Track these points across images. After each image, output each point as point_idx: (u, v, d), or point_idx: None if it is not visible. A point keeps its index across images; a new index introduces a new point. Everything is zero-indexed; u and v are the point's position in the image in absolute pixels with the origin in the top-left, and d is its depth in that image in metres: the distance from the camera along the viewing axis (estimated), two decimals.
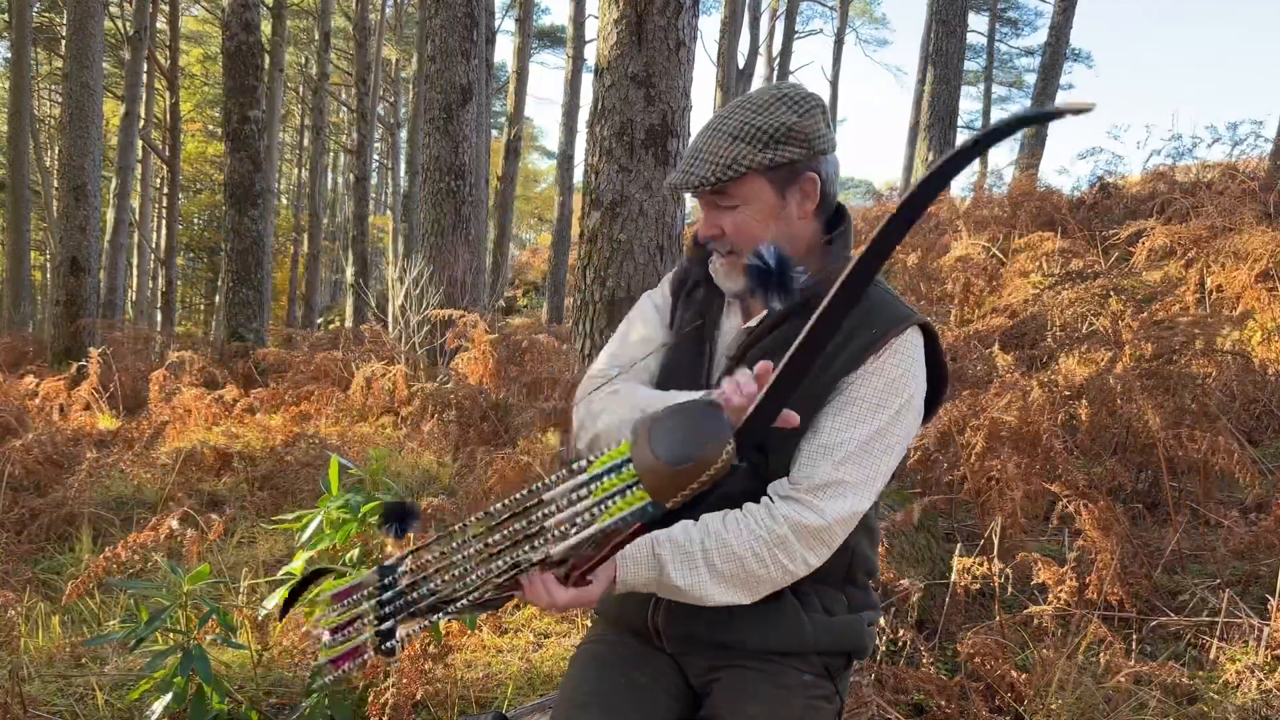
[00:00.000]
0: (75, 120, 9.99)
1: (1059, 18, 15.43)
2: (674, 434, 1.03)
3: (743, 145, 1.29)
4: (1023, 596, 2.93)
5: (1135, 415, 3.52)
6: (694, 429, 1.04)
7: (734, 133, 1.30)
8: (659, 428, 1.05)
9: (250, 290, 8.88)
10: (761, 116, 1.30)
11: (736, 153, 1.29)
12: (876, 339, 1.28)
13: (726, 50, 18.36)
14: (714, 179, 1.29)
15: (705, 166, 1.30)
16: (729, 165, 1.29)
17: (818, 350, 1.06)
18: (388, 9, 24.07)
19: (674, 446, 1.02)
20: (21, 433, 5.34)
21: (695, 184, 1.31)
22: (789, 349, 1.29)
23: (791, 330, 1.32)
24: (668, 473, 1.01)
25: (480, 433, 5.19)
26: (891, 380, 1.27)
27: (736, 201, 1.33)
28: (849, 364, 1.28)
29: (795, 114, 1.30)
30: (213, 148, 27.73)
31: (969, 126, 28.29)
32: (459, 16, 8.02)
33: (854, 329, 1.30)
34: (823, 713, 1.33)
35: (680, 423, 1.04)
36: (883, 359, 1.27)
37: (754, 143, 1.29)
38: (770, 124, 1.29)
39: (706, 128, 1.34)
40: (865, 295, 1.32)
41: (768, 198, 1.32)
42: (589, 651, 1.46)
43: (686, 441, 1.02)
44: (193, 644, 2.05)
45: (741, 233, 1.33)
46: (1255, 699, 2.31)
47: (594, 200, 4.10)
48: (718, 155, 1.30)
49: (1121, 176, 9.49)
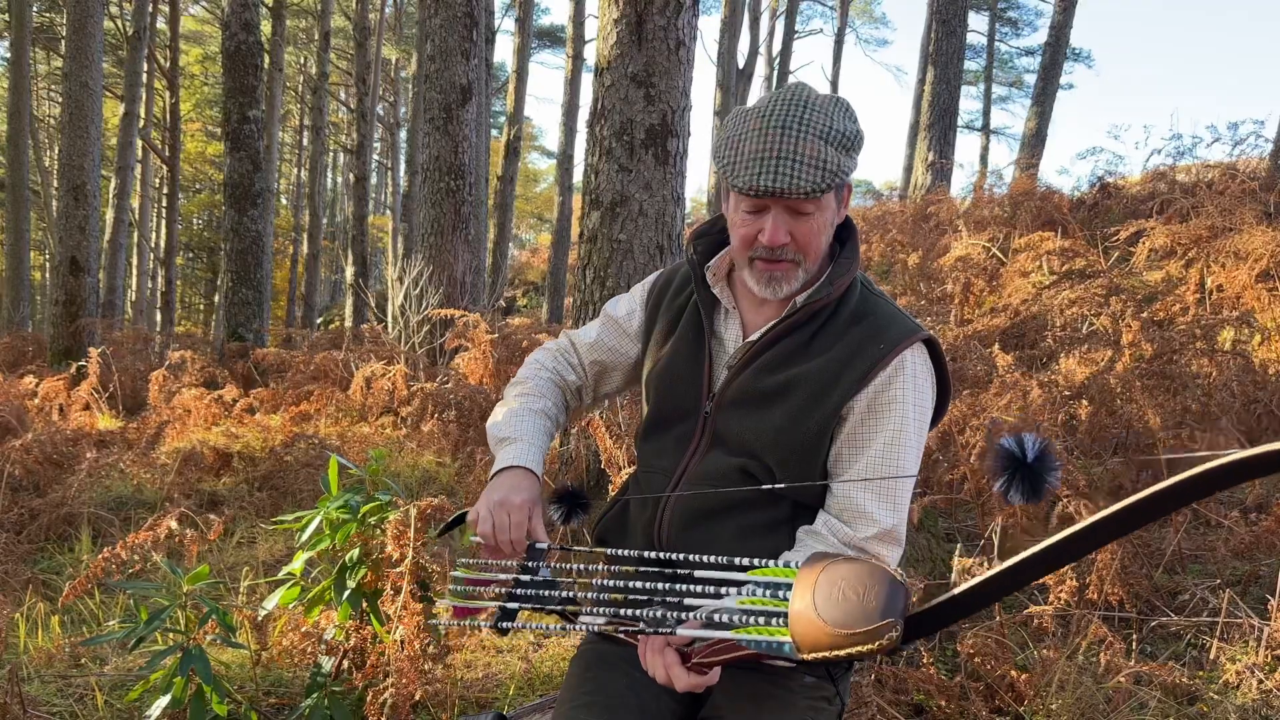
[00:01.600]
0: (75, 120, 9.98)
1: (1059, 17, 15.43)
2: (848, 595, 0.93)
3: (835, 151, 1.22)
4: (1023, 596, 2.93)
5: (1135, 415, 3.52)
6: (871, 597, 0.92)
7: (823, 136, 1.21)
8: (834, 575, 0.95)
9: (250, 290, 8.88)
10: (840, 122, 1.23)
11: (837, 160, 1.22)
12: (885, 353, 1.28)
13: (726, 50, 18.36)
14: (825, 184, 1.21)
15: (813, 171, 1.20)
16: (835, 171, 1.22)
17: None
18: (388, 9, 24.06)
19: (844, 610, 0.92)
20: (21, 433, 5.33)
21: (807, 190, 1.20)
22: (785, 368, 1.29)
23: (795, 345, 1.32)
24: (824, 630, 0.93)
25: (480, 433, 5.18)
26: (905, 405, 1.27)
27: (816, 209, 1.25)
28: (857, 380, 1.28)
29: (855, 122, 1.26)
30: (212, 148, 27.73)
31: (969, 126, 28.33)
32: (459, 16, 8.01)
33: (861, 343, 1.29)
34: (824, 714, 1.32)
35: (860, 582, 0.94)
36: (890, 377, 1.27)
37: (842, 149, 1.23)
38: (851, 131, 1.24)
39: (781, 125, 1.21)
40: (872, 308, 1.34)
41: (833, 208, 1.30)
42: (590, 651, 1.45)
43: (856, 609, 0.92)
44: (192, 644, 2.04)
45: (811, 241, 1.28)
46: (1255, 699, 2.30)
47: (594, 200, 4.10)
48: (819, 160, 1.20)
49: (1122, 176, 9.49)
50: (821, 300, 1.31)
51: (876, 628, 0.90)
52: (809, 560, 0.98)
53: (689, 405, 1.40)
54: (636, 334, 1.54)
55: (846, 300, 1.34)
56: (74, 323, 9.90)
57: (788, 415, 1.30)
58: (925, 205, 9.94)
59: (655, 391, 1.46)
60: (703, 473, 1.36)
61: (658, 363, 1.47)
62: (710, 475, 1.35)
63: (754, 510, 1.34)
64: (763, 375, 1.33)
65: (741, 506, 1.34)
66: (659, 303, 1.52)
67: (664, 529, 1.38)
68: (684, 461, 1.39)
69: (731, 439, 1.34)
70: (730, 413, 1.35)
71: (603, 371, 1.59)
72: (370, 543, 2.17)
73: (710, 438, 1.37)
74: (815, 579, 0.96)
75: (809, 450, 1.30)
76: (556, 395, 1.56)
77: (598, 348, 1.57)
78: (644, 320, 1.53)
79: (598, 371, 1.59)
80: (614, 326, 1.56)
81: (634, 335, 1.55)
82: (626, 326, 1.55)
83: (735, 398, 1.35)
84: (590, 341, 1.58)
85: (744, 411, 1.34)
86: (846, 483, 1.28)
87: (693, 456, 1.39)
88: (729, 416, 1.35)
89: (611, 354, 1.56)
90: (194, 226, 32.60)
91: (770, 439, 1.31)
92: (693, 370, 1.41)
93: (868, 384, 1.27)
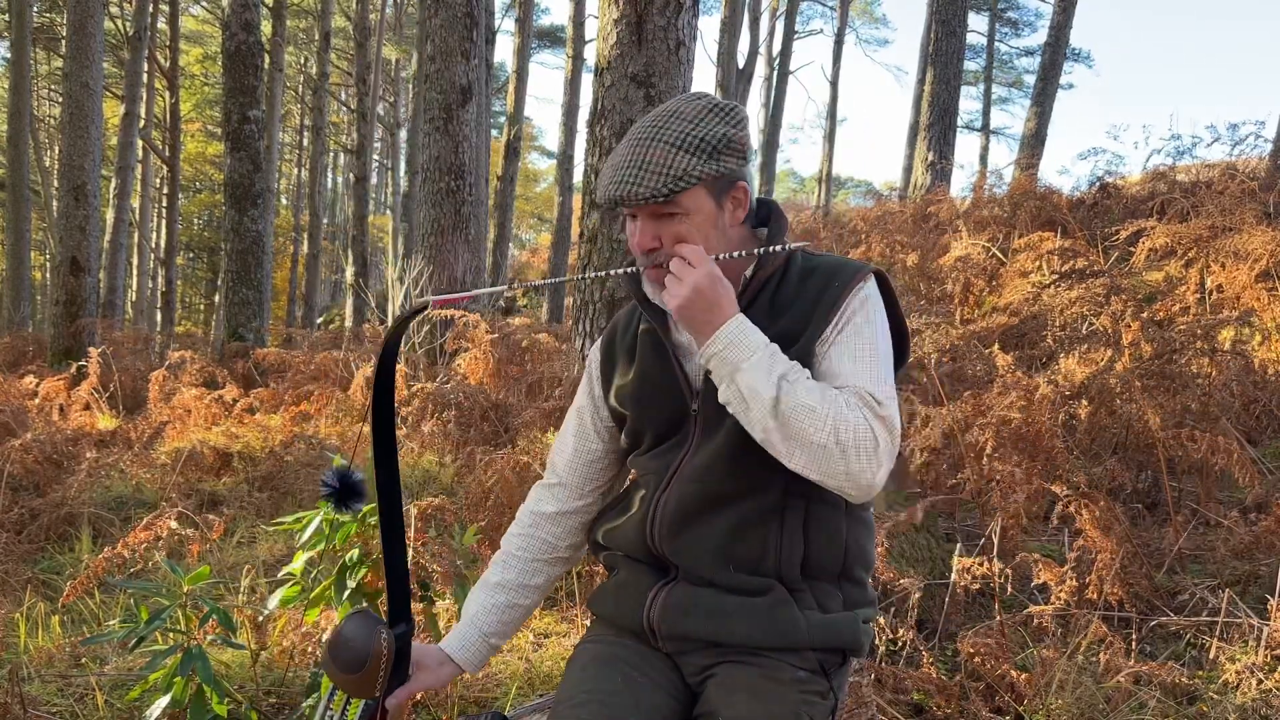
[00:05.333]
0: (75, 120, 9.98)
1: (1059, 18, 15.43)
2: (340, 650, 1.31)
3: (688, 156, 1.27)
4: (1023, 596, 2.93)
5: (1135, 415, 3.52)
6: (352, 638, 1.31)
7: (676, 143, 1.28)
8: (331, 650, 1.32)
9: (250, 290, 8.88)
10: (701, 128, 1.29)
11: (685, 164, 1.27)
12: (839, 292, 1.33)
13: (726, 50, 18.37)
14: (666, 190, 1.26)
15: (654, 178, 1.26)
16: (680, 176, 1.27)
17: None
18: (388, 9, 24.07)
19: (346, 660, 1.30)
20: (21, 433, 5.33)
21: (646, 196, 1.27)
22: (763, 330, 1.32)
23: (759, 313, 1.35)
24: (353, 680, 1.31)
25: (480, 433, 5.19)
26: (873, 320, 1.33)
27: (679, 212, 1.30)
28: (820, 322, 1.32)
29: (730, 125, 1.31)
30: (213, 148, 27.74)
31: (969, 126, 28.34)
32: (459, 16, 8.02)
33: (820, 289, 1.34)
34: (816, 709, 1.32)
35: (342, 637, 1.32)
36: (853, 306, 1.32)
37: (698, 153, 1.28)
38: (712, 135, 1.29)
39: (638, 139, 1.30)
40: (818, 262, 1.39)
41: (709, 208, 1.32)
42: (587, 651, 1.46)
43: (350, 650, 1.30)
44: (192, 644, 2.04)
45: (685, 242, 1.31)
46: (1255, 699, 2.30)
47: (594, 200, 4.10)
48: (666, 166, 1.27)
49: (1121, 176, 9.48)
50: (768, 270, 1.36)
51: (373, 648, 1.31)
52: (320, 657, 1.42)
53: (677, 411, 1.41)
54: (603, 391, 1.54)
55: (790, 265, 1.40)
56: (74, 323, 9.90)
57: None
58: (925, 205, 9.94)
59: (636, 405, 1.45)
60: (695, 467, 1.37)
61: (628, 376, 1.47)
62: (700, 469, 1.36)
63: (744, 500, 1.34)
64: None
65: (732, 498, 1.35)
66: (611, 348, 1.53)
67: (655, 528, 1.39)
68: (679, 460, 1.40)
69: (726, 426, 1.34)
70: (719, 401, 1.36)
71: (595, 460, 1.56)
72: (370, 543, 2.17)
73: (701, 433, 1.38)
74: (326, 660, 1.35)
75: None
76: (518, 561, 1.55)
77: (562, 453, 1.57)
78: (602, 374, 1.53)
79: (578, 457, 1.56)
80: (579, 415, 1.56)
81: (601, 397, 1.54)
82: (596, 395, 1.55)
83: None
84: (571, 450, 1.57)
85: None
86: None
87: (686, 454, 1.39)
88: (719, 405, 1.35)
89: (595, 439, 1.55)
90: (194, 226, 32.63)
91: None
92: (667, 376, 1.42)
93: (834, 314, 1.32)
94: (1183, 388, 3.76)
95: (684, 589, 1.38)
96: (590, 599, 1.54)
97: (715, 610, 1.34)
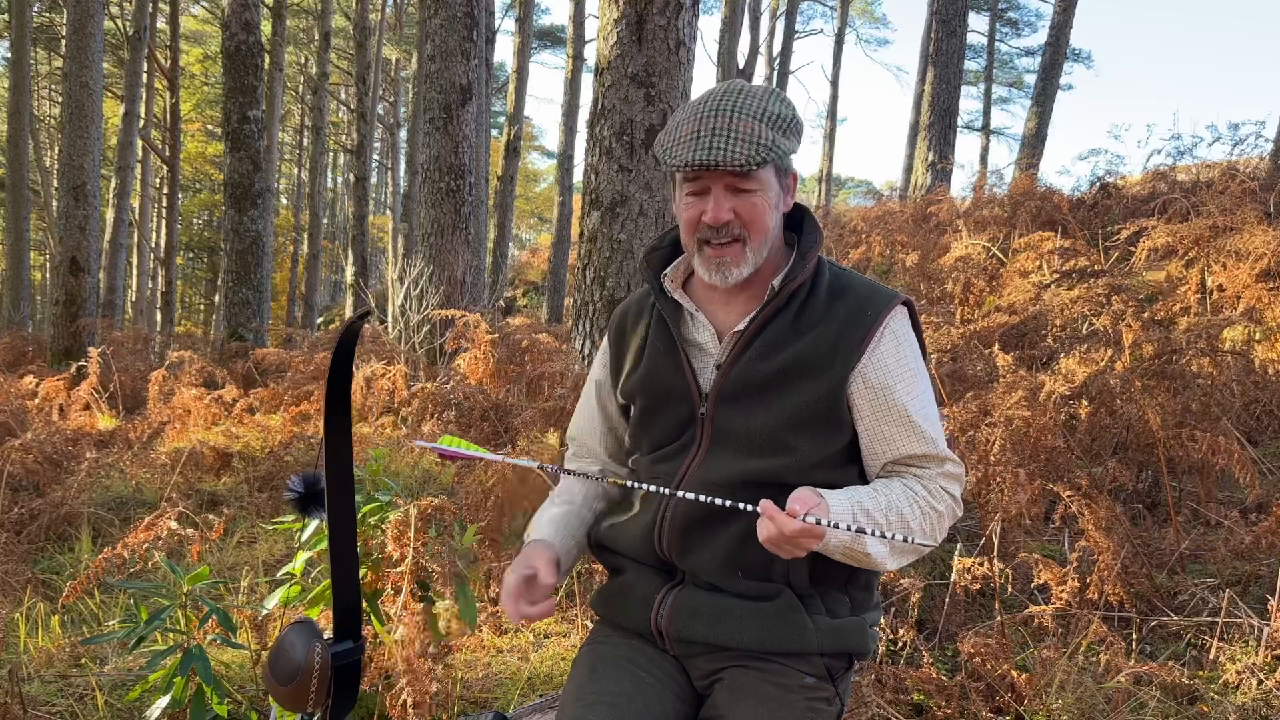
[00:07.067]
0: (75, 120, 9.98)
1: (1059, 18, 15.43)
2: (275, 658, 1.30)
3: (770, 130, 1.26)
4: (1023, 597, 2.93)
5: (1135, 415, 3.51)
6: (289, 647, 1.29)
7: (758, 116, 1.26)
8: (270, 658, 1.32)
9: (250, 290, 8.88)
10: (774, 105, 1.28)
11: (770, 136, 1.25)
12: (874, 320, 1.32)
13: (726, 50, 18.35)
14: (759, 158, 1.24)
15: (746, 145, 1.23)
16: (768, 146, 1.25)
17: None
18: (388, 9, 24.07)
19: (279, 670, 1.29)
20: (21, 433, 5.33)
21: (740, 162, 1.23)
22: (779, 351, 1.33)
23: (783, 327, 1.34)
24: (284, 691, 1.29)
25: (480, 433, 5.18)
26: (908, 361, 1.34)
27: (756, 186, 1.28)
28: (855, 347, 1.31)
29: (792, 109, 1.31)
30: (212, 147, 27.74)
31: (969, 126, 28.32)
32: (459, 16, 8.01)
33: (849, 314, 1.33)
34: (823, 715, 1.32)
35: (280, 646, 1.31)
36: (886, 342, 1.33)
37: (778, 128, 1.27)
38: (785, 114, 1.28)
39: (716, 109, 1.26)
40: (848, 282, 1.38)
41: (775, 188, 1.32)
42: (595, 652, 1.44)
43: (286, 659, 1.29)
44: (192, 644, 2.04)
45: (757, 218, 1.29)
46: (1255, 699, 2.30)
47: (594, 200, 4.10)
48: (755, 135, 1.24)
49: (1122, 176, 9.48)
50: (798, 280, 1.33)
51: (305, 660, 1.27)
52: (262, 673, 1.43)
53: (683, 411, 1.39)
54: (613, 373, 1.53)
55: (819, 278, 1.37)
56: (74, 323, 9.90)
57: (795, 395, 1.31)
58: (925, 205, 9.94)
59: (642, 396, 1.44)
60: (703, 477, 1.35)
61: (635, 371, 1.46)
62: (710, 481, 1.34)
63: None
64: (758, 363, 1.33)
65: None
66: (622, 330, 1.52)
67: (664, 534, 1.38)
68: (684, 466, 1.38)
69: (737, 435, 1.33)
70: (731, 408, 1.34)
71: (612, 429, 1.57)
72: (370, 543, 2.17)
73: (710, 438, 1.36)
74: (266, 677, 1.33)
75: (824, 422, 1.32)
76: (570, 494, 1.55)
77: (590, 429, 1.58)
78: (613, 356, 1.52)
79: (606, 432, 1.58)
80: (598, 389, 1.56)
81: (612, 379, 1.53)
82: (604, 378, 1.55)
83: (734, 391, 1.34)
84: (583, 428, 1.59)
85: (747, 404, 1.33)
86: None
87: (693, 460, 1.37)
88: (730, 413, 1.34)
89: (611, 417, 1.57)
90: (194, 226, 32.62)
91: (783, 424, 1.31)
92: (675, 376, 1.40)
93: (865, 350, 1.31)
94: (1183, 388, 3.75)
95: (692, 592, 1.37)
96: (593, 601, 1.52)
97: (724, 614, 1.33)
